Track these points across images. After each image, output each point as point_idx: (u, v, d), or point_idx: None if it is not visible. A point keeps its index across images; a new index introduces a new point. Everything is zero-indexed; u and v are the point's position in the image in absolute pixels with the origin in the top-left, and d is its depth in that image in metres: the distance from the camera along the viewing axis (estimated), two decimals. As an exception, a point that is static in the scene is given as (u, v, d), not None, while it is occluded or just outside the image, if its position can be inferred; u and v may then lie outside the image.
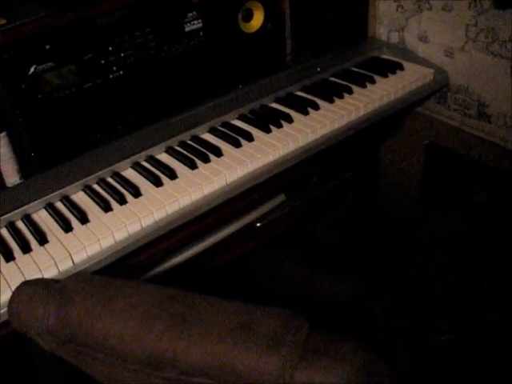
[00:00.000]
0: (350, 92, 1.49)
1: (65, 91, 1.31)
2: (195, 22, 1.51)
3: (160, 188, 1.22)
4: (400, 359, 1.39)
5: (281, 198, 1.43)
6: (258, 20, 1.67)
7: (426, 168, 1.83)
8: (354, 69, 1.62)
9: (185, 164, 1.27)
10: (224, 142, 1.34)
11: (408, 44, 1.68)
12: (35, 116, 1.27)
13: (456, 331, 1.71)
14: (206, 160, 1.28)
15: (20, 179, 1.33)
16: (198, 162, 1.27)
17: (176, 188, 1.21)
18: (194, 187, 1.20)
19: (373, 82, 1.54)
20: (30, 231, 1.14)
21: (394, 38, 1.71)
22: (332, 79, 1.58)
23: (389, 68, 1.59)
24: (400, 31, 1.68)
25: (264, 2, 1.60)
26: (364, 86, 1.52)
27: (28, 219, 1.18)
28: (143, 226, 1.15)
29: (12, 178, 1.33)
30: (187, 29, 1.49)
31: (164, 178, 1.24)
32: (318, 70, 1.60)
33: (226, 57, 1.57)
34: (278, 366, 0.70)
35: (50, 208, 1.20)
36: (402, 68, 1.59)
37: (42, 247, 1.10)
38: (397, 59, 1.64)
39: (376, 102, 1.46)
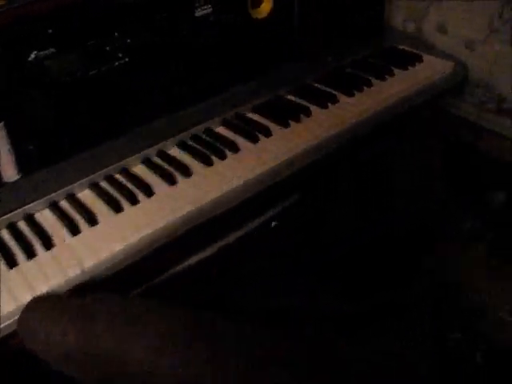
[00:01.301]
0: (369, 85, 1.42)
1: (67, 79, 1.20)
2: (205, 6, 1.42)
3: (173, 187, 1.13)
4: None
5: (295, 196, 1.35)
6: (267, 5, 1.58)
7: (442, 163, 1.77)
8: (371, 60, 1.54)
9: (200, 161, 1.19)
10: (240, 137, 1.25)
11: (425, 35, 1.60)
12: (35, 105, 1.17)
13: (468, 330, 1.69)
14: (223, 156, 1.19)
15: (18, 174, 1.23)
16: (214, 158, 1.19)
17: (192, 185, 1.12)
18: (211, 185, 1.12)
19: (392, 74, 1.46)
20: (34, 234, 1.05)
21: (411, 27, 1.63)
22: (349, 70, 1.51)
23: (407, 60, 1.51)
24: (417, 21, 1.60)
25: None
26: (383, 79, 1.44)
27: (31, 220, 1.09)
28: (156, 228, 1.06)
29: (10, 173, 1.23)
30: (197, 14, 1.39)
31: (179, 176, 1.15)
32: (333, 59, 1.52)
33: (236, 45, 1.48)
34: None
35: (55, 208, 1.11)
36: (420, 60, 1.52)
37: (47, 252, 1.01)
38: (413, 50, 1.56)
39: (395, 97, 1.39)
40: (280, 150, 1.20)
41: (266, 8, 1.58)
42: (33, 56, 1.17)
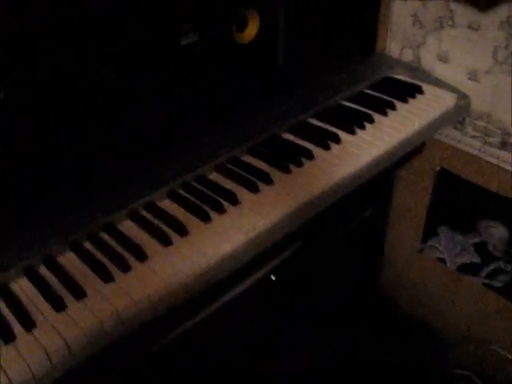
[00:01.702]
0: (371, 121, 1.31)
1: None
2: (191, 34, 1.30)
3: (168, 247, 1.00)
4: None
5: (296, 245, 1.23)
6: (252, 29, 1.47)
7: (435, 196, 1.68)
8: (368, 91, 1.44)
9: (196, 216, 1.06)
10: (238, 186, 1.13)
11: (424, 64, 1.51)
12: None
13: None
14: (221, 210, 1.07)
15: None
16: (212, 213, 1.06)
17: (189, 246, 1.00)
18: (211, 246, 0.99)
19: (393, 108, 1.36)
20: (10, 311, 0.90)
21: (408, 55, 1.53)
22: (346, 104, 1.40)
23: (408, 91, 1.41)
24: (415, 49, 1.51)
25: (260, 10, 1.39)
26: (385, 114, 1.34)
27: (7, 292, 0.94)
28: (152, 299, 0.93)
29: None
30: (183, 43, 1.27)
31: (174, 236, 1.02)
32: (327, 92, 1.41)
33: (224, 76, 1.36)
34: None
35: (33, 276, 0.96)
36: (421, 91, 1.42)
37: (28, 334, 0.87)
38: (413, 81, 1.47)
39: (402, 133, 1.28)
40: (285, 200, 1.08)
41: (251, 31, 1.47)
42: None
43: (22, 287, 0.96)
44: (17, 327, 0.88)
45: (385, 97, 1.40)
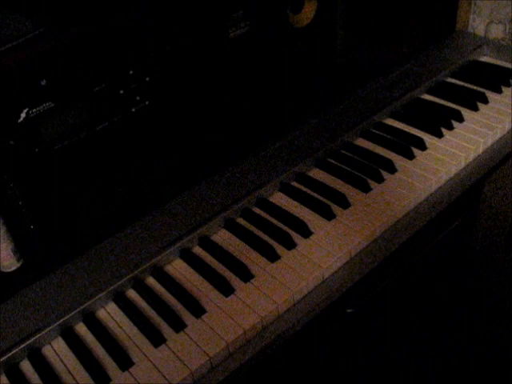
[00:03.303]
0: (460, 119, 1.10)
1: (72, 139, 0.90)
2: (242, 24, 1.11)
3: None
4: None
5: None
6: (309, 9, 1.28)
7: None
8: (451, 80, 1.22)
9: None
10: (311, 212, 0.95)
11: (517, 41, 1.27)
12: (32, 176, 0.88)
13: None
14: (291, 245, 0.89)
15: (18, 261, 0.95)
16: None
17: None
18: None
19: (485, 100, 1.14)
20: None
21: (496, 32, 1.30)
22: (427, 98, 1.18)
23: (500, 78, 1.19)
24: (507, 23, 1.27)
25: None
26: (475, 108, 1.12)
27: (37, 358, 0.79)
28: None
29: (7, 262, 0.95)
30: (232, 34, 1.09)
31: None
32: (405, 84, 1.19)
33: (284, 70, 1.17)
34: None
35: (71, 338, 0.81)
36: (517, 77, 1.19)
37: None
38: (505, 64, 1.24)
39: (496, 133, 1.06)
40: (358, 231, 0.89)
41: (308, 12, 1.28)
42: (23, 115, 0.87)
43: (60, 352, 0.80)
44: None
45: (473, 86, 1.18)
